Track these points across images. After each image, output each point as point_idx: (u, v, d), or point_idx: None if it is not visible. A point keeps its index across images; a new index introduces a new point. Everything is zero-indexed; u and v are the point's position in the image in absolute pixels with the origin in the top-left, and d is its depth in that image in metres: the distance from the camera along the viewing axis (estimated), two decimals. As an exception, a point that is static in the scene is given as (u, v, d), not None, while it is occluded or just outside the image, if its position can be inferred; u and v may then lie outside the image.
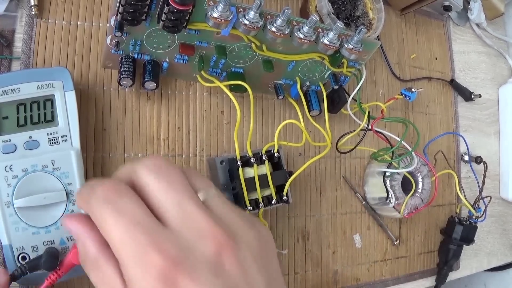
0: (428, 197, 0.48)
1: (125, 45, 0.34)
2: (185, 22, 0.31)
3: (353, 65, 0.40)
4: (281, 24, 0.32)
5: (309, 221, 0.45)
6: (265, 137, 0.44)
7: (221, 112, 0.42)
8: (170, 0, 0.28)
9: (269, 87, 0.42)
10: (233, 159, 0.38)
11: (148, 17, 0.31)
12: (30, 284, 0.32)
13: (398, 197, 0.46)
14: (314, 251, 0.45)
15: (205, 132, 0.41)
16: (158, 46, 0.35)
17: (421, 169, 0.48)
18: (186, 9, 0.29)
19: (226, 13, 0.30)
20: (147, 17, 0.31)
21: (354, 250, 0.47)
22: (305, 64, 0.39)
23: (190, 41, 0.35)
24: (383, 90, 0.51)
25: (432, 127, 0.55)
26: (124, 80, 0.35)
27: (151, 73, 0.36)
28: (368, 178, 0.48)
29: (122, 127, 0.38)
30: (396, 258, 0.50)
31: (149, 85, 0.36)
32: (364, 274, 0.48)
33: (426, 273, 0.52)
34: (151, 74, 0.36)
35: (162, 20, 0.30)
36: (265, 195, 0.38)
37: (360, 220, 0.48)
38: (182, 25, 0.31)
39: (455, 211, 0.54)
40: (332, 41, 0.34)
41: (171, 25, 0.31)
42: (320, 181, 0.46)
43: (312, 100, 0.42)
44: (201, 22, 0.32)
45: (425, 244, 0.52)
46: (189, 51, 0.35)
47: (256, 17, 0.31)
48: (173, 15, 0.30)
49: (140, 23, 0.31)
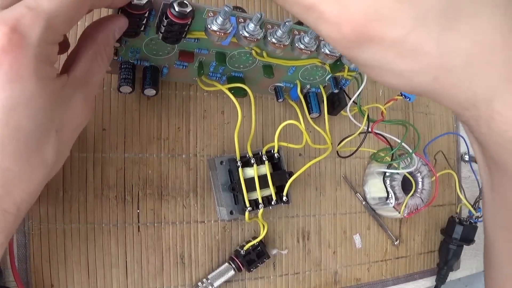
0: (428, 197, 0.48)
1: (124, 52, 0.34)
2: (184, 33, 0.31)
3: (354, 69, 0.40)
4: (281, 35, 0.32)
5: (309, 221, 0.45)
6: (265, 138, 0.44)
7: (221, 112, 0.42)
8: (169, 14, 0.28)
9: (269, 89, 0.42)
10: (233, 159, 0.38)
11: (147, 28, 0.31)
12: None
13: (398, 197, 0.46)
14: (314, 251, 0.45)
15: (205, 132, 0.41)
16: (158, 53, 0.35)
17: (421, 169, 0.48)
18: (185, 22, 0.29)
19: (225, 26, 0.30)
20: (145, 28, 0.31)
21: (354, 250, 0.47)
22: (306, 68, 0.39)
23: (190, 48, 0.34)
24: (383, 90, 0.51)
25: (432, 127, 0.54)
26: (124, 87, 0.35)
27: (150, 80, 0.36)
28: (368, 178, 0.48)
29: (122, 127, 0.38)
30: (396, 258, 0.50)
31: (149, 92, 0.36)
32: (364, 274, 0.48)
33: (426, 273, 0.52)
34: (150, 81, 0.36)
35: (161, 32, 0.30)
36: (265, 195, 0.38)
37: (360, 220, 0.48)
38: (181, 36, 0.31)
39: (455, 211, 0.54)
40: (333, 51, 0.34)
41: (170, 36, 0.30)
42: (320, 181, 0.46)
43: (312, 102, 0.42)
44: (200, 31, 0.32)
45: (425, 244, 0.52)
46: (188, 58, 0.35)
47: (257, 29, 0.31)
48: (172, 28, 0.29)
49: (139, 35, 0.31)
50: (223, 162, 0.39)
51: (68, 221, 0.35)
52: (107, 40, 0.27)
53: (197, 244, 0.40)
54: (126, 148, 0.38)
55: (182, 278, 0.39)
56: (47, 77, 0.23)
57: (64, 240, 0.35)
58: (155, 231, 0.38)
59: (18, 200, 0.23)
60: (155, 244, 0.38)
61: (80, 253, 0.35)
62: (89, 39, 0.27)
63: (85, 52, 0.26)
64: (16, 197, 0.23)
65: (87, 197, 0.36)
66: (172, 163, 0.39)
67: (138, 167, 0.38)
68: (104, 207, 0.36)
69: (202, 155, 0.41)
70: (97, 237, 0.36)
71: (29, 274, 0.33)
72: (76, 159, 0.36)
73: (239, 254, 0.39)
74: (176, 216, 0.39)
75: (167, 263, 0.38)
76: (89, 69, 0.26)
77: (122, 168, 0.37)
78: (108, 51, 0.27)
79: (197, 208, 0.40)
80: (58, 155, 0.24)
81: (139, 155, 0.38)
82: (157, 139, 0.39)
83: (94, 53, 0.26)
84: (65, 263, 0.35)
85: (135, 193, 0.38)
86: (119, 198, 0.37)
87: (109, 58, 0.27)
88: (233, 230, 0.41)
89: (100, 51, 0.26)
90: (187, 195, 0.40)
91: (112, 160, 0.37)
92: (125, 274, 0.37)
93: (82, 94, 0.25)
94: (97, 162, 0.36)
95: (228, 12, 0.29)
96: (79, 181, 0.36)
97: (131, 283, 0.37)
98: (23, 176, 0.23)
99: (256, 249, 0.40)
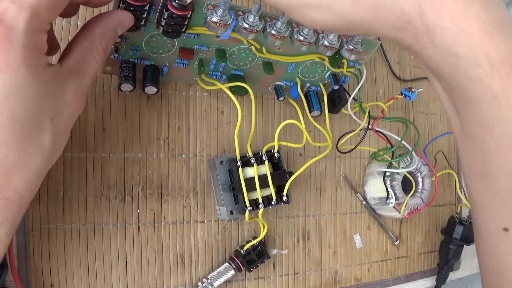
0: (429, 197, 0.48)
1: (125, 50, 0.34)
2: (184, 27, 0.31)
3: (353, 65, 0.40)
4: (280, 26, 0.32)
5: (309, 221, 0.45)
6: (265, 137, 0.44)
7: (221, 112, 0.42)
8: (169, 6, 0.28)
9: (269, 88, 0.42)
10: (233, 159, 0.38)
11: (147, 23, 0.31)
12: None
13: (399, 197, 0.46)
14: (314, 251, 0.45)
15: (205, 132, 0.41)
16: (158, 51, 0.35)
17: (422, 169, 0.48)
18: (185, 14, 0.29)
19: (225, 17, 0.30)
20: (146, 23, 0.31)
21: (355, 250, 0.47)
22: (305, 65, 0.39)
23: (190, 45, 0.35)
24: (384, 90, 0.51)
25: (433, 127, 0.54)
26: (125, 85, 0.35)
27: (151, 78, 0.36)
28: (368, 178, 0.48)
29: (122, 127, 0.38)
30: (397, 258, 0.50)
31: (149, 90, 0.36)
32: (365, 274, 0.48)
33: (427, 273, 0.52)
34: (151, 79, 0.36)
35: (161, 26, 0.30)
36: (265, 195, 0.38)
37: (360, 220, 0.48)
38: (182, 29, 0.31)
39: (455, 211, 0.54)
40: (332, 42, 0.34)
41: (171, 30, 0.31)
42: (320, 181, 0.46)
43: (312, 100, 0.42)
44: (200, 26, 0.32)
45: (426, 244, 0.52)
46: (189, 55, 0.35)
47: (256, 21, 0.31)
48: (172, 20, 0.29)
49: (139, 29, 0.31)
50: (223, 162, 0.39)
51: (68, 221, 0.35)
52: (106, 33, 0.27)
53: (197, 244, 0.40)
54: (126, 148, 0.38)
55: (182, 278, 0.39)
56: (37, 66, 0.23)
57: (64, 240, 0.35)
58: (155, 231, 0.38)
59: (19, 188, 0.23)
60: (155, 244, 0.38)
61: (80, 253, 0.35)
62: (86, 31, 0.27)
63: (80, 43, 0.26)
64: (17, 185, 0.23)
65: (87, 197, 0.36)
66: (172, 163, 0.39)
67: (138, 167, 0.38)
68: (104, 207, 0.36)
69: (202, 155, 0.41)
70: (97, 237, 0.36)
71: (29, 274, 0.33)
72: (76, 159, 0.36)
73: (239, 254, 0.39)
74: (176, 216, 0.39)
75: (167, 263, 0.38)
76: (83, 60, 0.26)
77: (122, 168, 0.37)
78: (105, 44, 0.27)
79: (197, 208, 0.40)
80: (55, 142, 0.25)
81: (139, 155, 0.38)
82: (157, 139, 0.39)
83: (90, 45, 0.27)
84: (65, 263, 0.35)
85: (135, 193, 0.37)
86: (119, 198, 0.37)
87: (105, 51, 0.28)
88: (233, 230, 0.41)
89: (96, 44, 0.27)
90: (187, 195, 0.39)
91: (112, 160, 0.37)
92: (125, 274, 0.37)
93: (74, 84, 0.26)
94: (97, 162, 0.36)
95: (228, 2, 0.29)
96: (79, 181, 0.36)
97: (131, 283, 0.37)
98: (21, 164, 0.23)
99: (256, 249, 0.40)
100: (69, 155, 0.35)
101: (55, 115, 0.25)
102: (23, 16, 0.21)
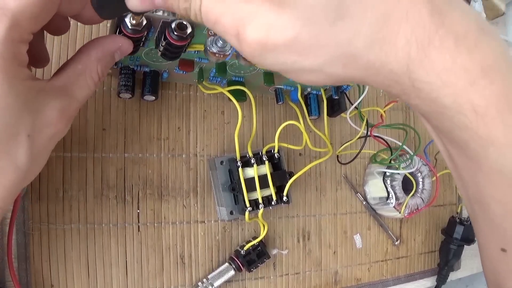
0: (429, 197, 0.48)
1: (124, 58, 0.33)
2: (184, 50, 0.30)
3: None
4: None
5: (309, 221, 0.45)
6: (265, 137, 0.44)
7: (221, 112, 0.42)
8: (168, 36, 0.27)
9: (269, 90, 0.42)
10: (233, 159, 0.38)
11: (146, 42, 0.30)
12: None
13: (399, 197, 0.46)
14: (314, 251, 0.45)
15: (205, 132, 0.41)
16: (158, 60, 0.34)
17: (422, 169, 0.48)
18: (183, 44, 0.28)
19: (225, 48, 0.30)
20: (145, 43, 0.30)
21: (355, 250, 0.47)
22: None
23: (190, 57, 0.34)
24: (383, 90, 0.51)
25: (433, 127, 0.54)
26: (123, 94, 0.35)
27: (150, 86, 0.36)
28: (368, 178, 0.48)
29: (122, 127, 0.38)
30: (397, 258, 0.50)
31: (148, 98, 0.36)
32: (365, 274, 0.48)
33: (427, 273, 0.52)
34: (150, 88, 0.36)
35: (159, 50, 0.30)
36: (265, 195, 0.38)
37: (360, 220, 0.48)
38: (180, 53, 0.30)
39: (456, 211, 0.54)
40: None
41: (169, 54, 0.30)
42: (321, 181, 0.46)
43: (312, 105, 0.42)
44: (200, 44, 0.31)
45: (426, 244, 0.52)
46: (188, 67, 0.34)
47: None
48: (171, 47, 0.29)
49: (137, 51, 0.30)
50: (223, 162, 0.39)
51: (68, 221, 0.35)
52: (103, 58, 0.26)
53: (197, 244, 0.40)
54: (126, 148, 0.38)
55: (182, 278, 0.39)
56: (16, 77, 0.22)
57: (64, 240, 0.35)
58: (155, 231, 0.38)
59: None
60: (155, 244, 0.38)
61: (80, 253, 0.35)
62: (83, 54, 0.26)
63: (73, 65, 0.26)
64: None
65: (87, 197, 0.36)
66: (172, 163, 0.39)
67: (138, 167, 0.38)
68: (104, 207, 0.36)
69: (202, 155, 0.41)
70: (97, 237, 0.36)
71: (29, 274, 0.33)
72: (76, 159, 0.36)
73: (239, 254, 0.39)
74: (176, 216, 0.39)
75: (167, 263, 0.38)
76: (74, 82, 0.25)
77: (122, 168, 0.37)
78: (100, 69, 0.26)
79: (197, 208, 0.40)
80: (32, 161, 0.23)
81: (139, 155, 0.38)
82: (157, 139, 0.39)
83: (84, 68, 0.26)
84: (65, 263, 0.35)
85: (135, 193, 0.37)
86: (119, 198, 0.37)
87: (100, 77, 0.27)
88: (233, 230, 0.41)
89: (90, 67, 0.26)
90: (187, 195, 0.39)
91: (112, 160, 0.37)
92: (125, 274, 0.37)
93: (60, 104, 0.24)
94: (97, 162, 0.36)
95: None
96: (79, 181, 0.36)
97: (131, 283, 0.37)
98: None
99: (256, 249, 0.40)
100: (69, 155, 0.35)
101: (33, 132, 0.23)
102: (3, 23, 0.21)
